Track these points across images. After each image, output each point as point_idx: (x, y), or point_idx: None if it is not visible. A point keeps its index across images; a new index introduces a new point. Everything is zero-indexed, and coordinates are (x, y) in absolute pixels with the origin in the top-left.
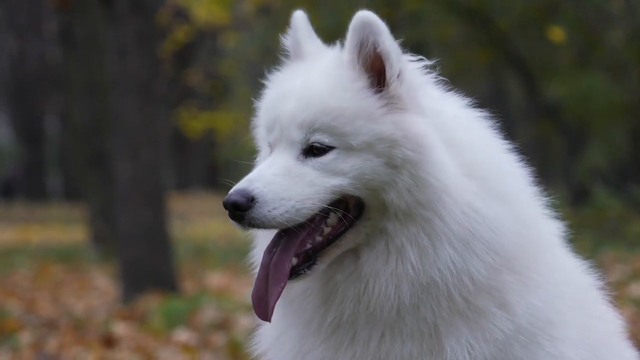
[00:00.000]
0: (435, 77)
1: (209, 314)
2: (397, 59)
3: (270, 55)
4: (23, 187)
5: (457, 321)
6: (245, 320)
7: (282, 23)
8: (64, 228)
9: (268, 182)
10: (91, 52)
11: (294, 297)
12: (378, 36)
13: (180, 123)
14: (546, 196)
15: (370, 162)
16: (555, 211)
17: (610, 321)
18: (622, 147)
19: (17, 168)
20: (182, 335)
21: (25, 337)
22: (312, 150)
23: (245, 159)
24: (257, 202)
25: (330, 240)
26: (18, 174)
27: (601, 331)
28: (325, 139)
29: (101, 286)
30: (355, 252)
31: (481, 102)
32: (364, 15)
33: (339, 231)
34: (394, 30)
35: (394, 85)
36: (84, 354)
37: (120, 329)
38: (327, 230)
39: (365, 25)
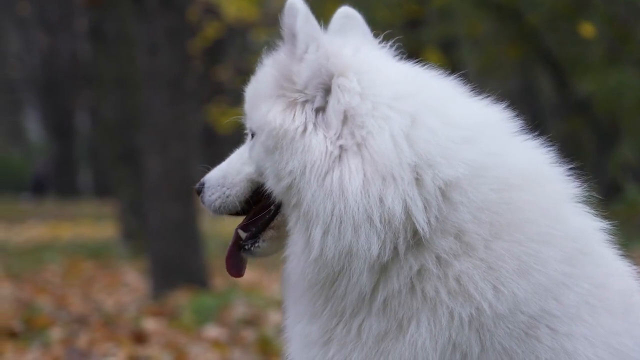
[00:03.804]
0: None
1: (239, 310)
2: (303, 39)
3: None
4: (53, 184)
5: (414, 304)
6: (276, 316)
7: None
8: (94, 224)
9: (217, 169)
10: (121, 48)
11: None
12: (293, 18)
13: (210, 119)
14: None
15: (259, 148)
16: (590, 205)
17: None
18: None
19: (48, 164)
20: (212, 331)
21: (55, 333)
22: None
23: None
24: (204, 187)
25: (267, 221)
26: (49, 170)
27: None
28: (248, 124)
29: (131, 282)
30: None
31: (511, 98)
32: (288, 2)
33: (271, 212)
34: (423, 26)
35: (287, 66)
36: (115, 349)
37: (150, 325)
38: (273, 209)
39: (287, 10)
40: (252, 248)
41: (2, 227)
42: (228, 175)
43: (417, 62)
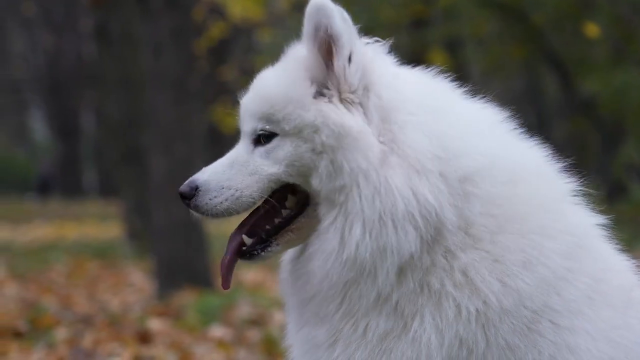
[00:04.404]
0: (395, 57)
1: (244, 310)
2: (348, 41)
3: None
4: (58, 184)
5: (419, 300)
6: (280, 316)
7: None
8: (99, 224)
9: (213, 172)
10: (126, 48)
11: (283, 279)
12: (329, 19)
13: (215, 119)
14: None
15: (299, 148)
16: (592, 205)
17: None
18: None
19: (53, 164)
20: (217, 331)
21: (61, 333)
22: (260, 140)
23: None
24: (199, 190)
25: (283, 224)
26: (54, 170)
27: None
28: (267, 126)
29: (136, 282)
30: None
31: (516, 98)
32: (317, 1)
33: (291, 215)
34: (428, 26)
35: (339, 68)
36: (120, 349)
37: (155, 325)
38: (285, 212)
39: (319, 10)
40: (262, 253)
41: (7, 227)
42: (235, 177)
43: (415, 63)
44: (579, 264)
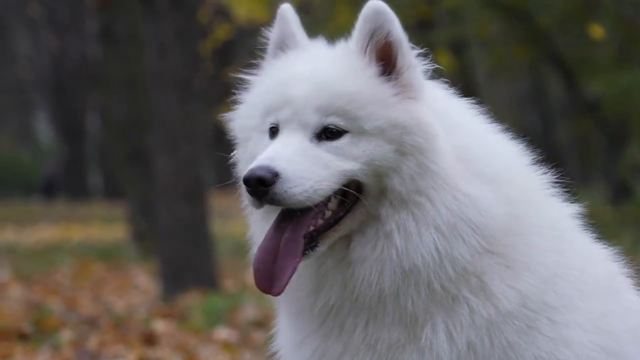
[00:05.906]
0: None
1: (249, 311)
2: (408, 48)
3: None
4: (63, 185)
5: (432, 309)
6: None
7: (322, 20)
8: (104, 226)
9: (289, 161)
10: (131, 49)
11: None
12: (391, 25)
13: (220, 119)
14: (557, 179)
15: (381, 148)
16: (569, 194)
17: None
18: None
19: (58, 165)
20: (223, 333)
21: (66, 335)
22: (325, 134)
23: None
24: (280, 178)
25: (331, 224)
26: (58, 172)
27: (628, 322)
28: (340, 122)
29: (141, 284)
30: (347, 239)
31: (521, 99)
32: (378, 4)
33: (338, 215)
34: (433, 28)
35: (407, 74)
36: (125, 351)
37: (160, 326)
38: (328, 213)
39: (379, 14)
40: (311, 252)
41: (12, 229)
42: (311, 169)
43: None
44: (565, 257)
